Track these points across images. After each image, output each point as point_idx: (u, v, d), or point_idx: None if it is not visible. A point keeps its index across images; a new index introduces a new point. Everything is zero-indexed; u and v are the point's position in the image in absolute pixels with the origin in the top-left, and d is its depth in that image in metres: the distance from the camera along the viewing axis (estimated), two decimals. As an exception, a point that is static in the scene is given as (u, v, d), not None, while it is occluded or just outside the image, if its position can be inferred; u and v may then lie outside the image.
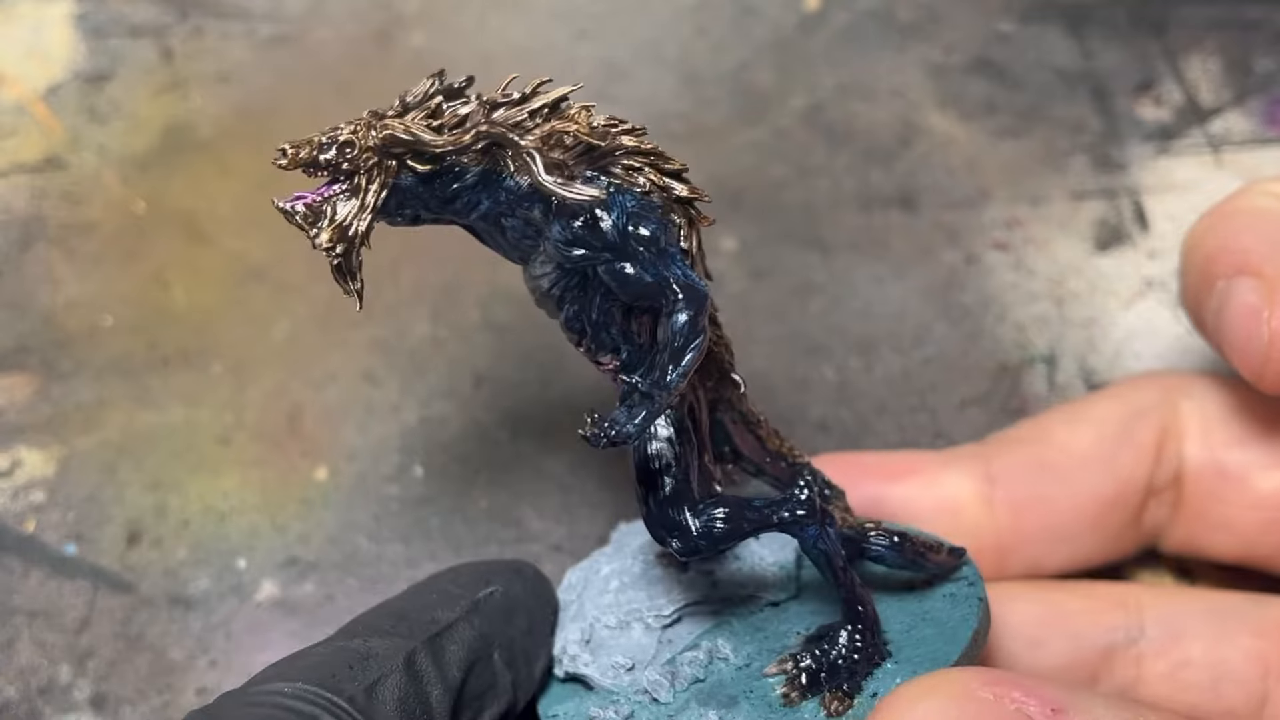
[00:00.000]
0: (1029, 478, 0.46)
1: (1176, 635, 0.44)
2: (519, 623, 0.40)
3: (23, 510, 0.51)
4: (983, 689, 0.33)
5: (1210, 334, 0.45)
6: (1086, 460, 0.46)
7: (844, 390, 0.53)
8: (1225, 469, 0.46)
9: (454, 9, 0.62)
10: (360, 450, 0.52)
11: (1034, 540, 0.46)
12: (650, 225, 0.37)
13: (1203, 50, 0.61)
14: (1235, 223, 0.44)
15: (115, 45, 0.61)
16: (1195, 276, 0.45)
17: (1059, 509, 0.46)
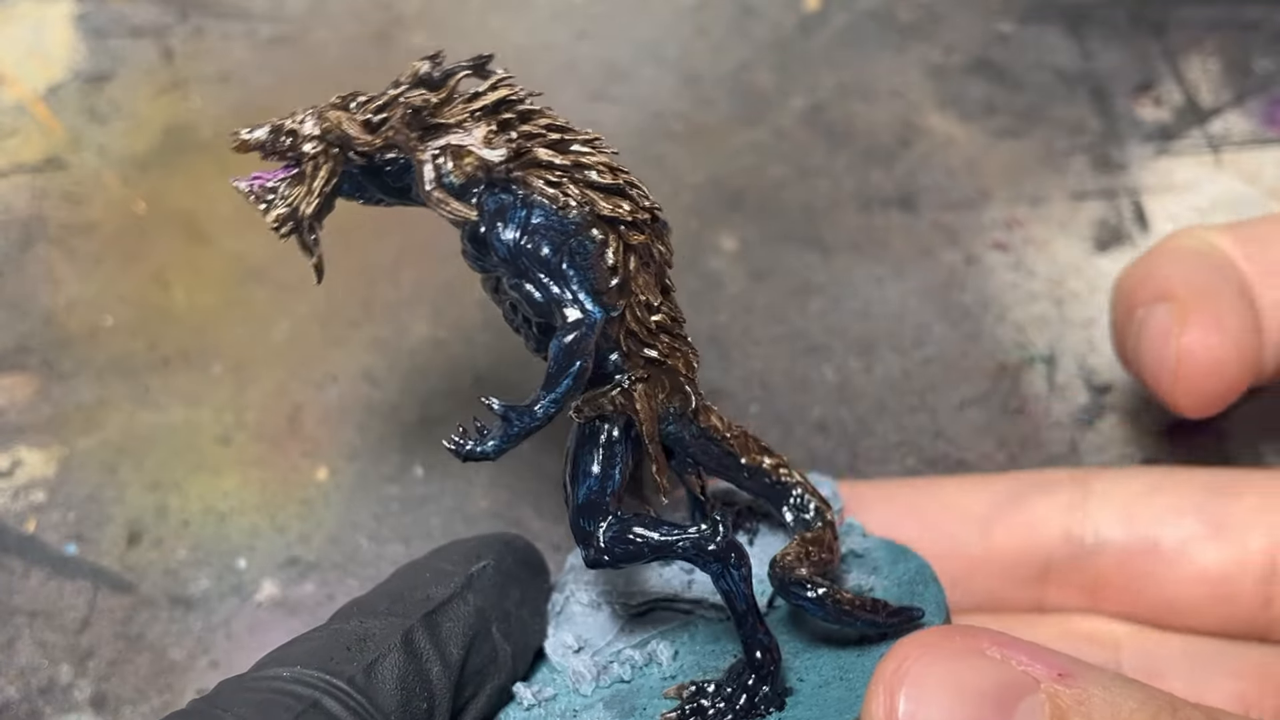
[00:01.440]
0: (896, 523, 0.45)
1: (1155, 673, 0.43)
2: (513, 595, 0.40)
3: (23, 510, 0.51)
4: (991, 647, 0.33)
5: (1130, 362, 0.45)
6: (960, 517, 0.46)
7: (844, 390, 0.53)
8: (1159, 547, 0.44)
9: (454, 9, 0.62)
10: (360, 450, 0.52)
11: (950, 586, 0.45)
12: (546, 244, 0.36)
13: (1202, 51, 0.61)
14: (1159, 258, 0.45)
15: (116, 45, 0.61)
16: (1119, 309, 0.46)
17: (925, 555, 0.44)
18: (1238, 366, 0.43)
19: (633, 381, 0.37)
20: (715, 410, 0.39)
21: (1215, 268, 0.44)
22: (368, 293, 0.55)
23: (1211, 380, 0.43)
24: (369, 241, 0.57)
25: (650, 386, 0.38)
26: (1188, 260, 0.44)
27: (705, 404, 0.39)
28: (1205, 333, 0.43)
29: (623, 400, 0.37)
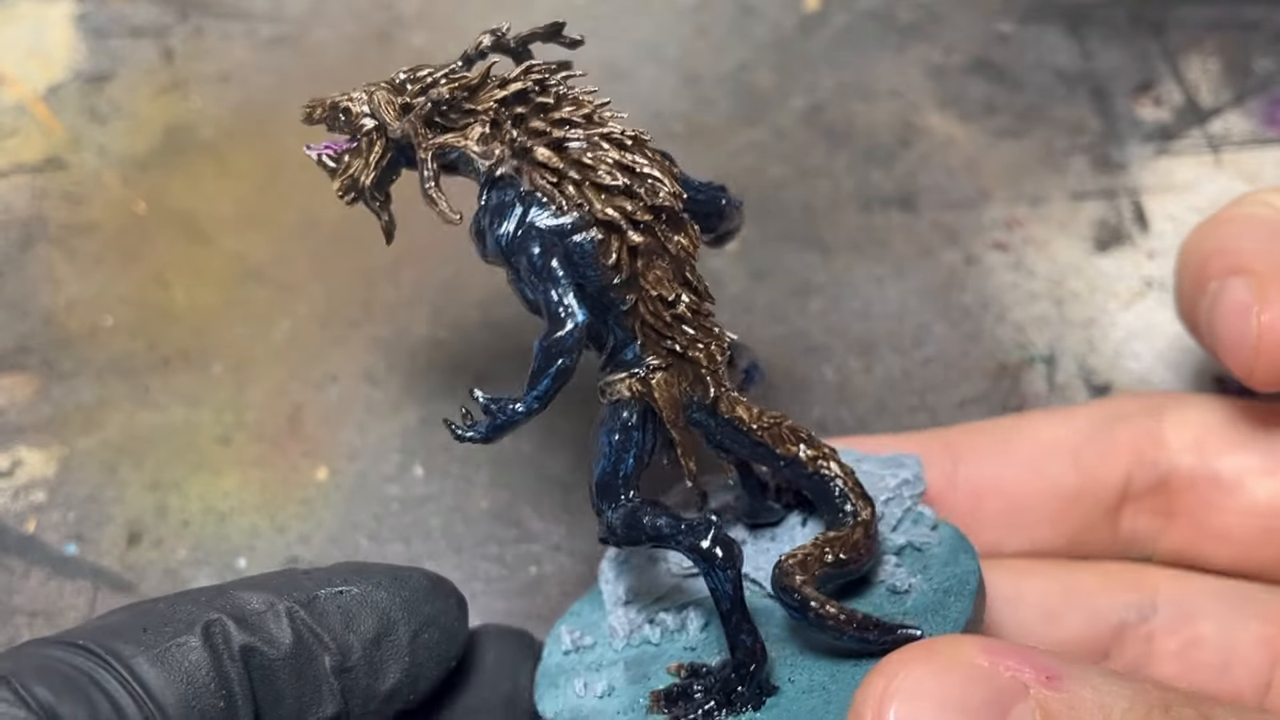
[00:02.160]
0: (991, 462, 0.46)
1: (1188, 615, 0.44)
2: (363, 630, 0.37)
3: (23, 510, 0.51)
4: (978, 656, 0.33)
5: (1203, 336, 0.45)
6: (1051, 451, 0.46)
7: (843, 390, 0.53)
8: (1220, 477, 0.46)
9: (454, 9, 0.62)
10: (361, 450, 0.52)
11: (993, 524, 0.46)
12: (537, 243, 0.37)
13: (1202, 51, 0.61)
14: (1230, 227, 0.45)
15: (116, 46, 0.61)
16: (1190, 280, 0.45)
17: (1019, 495, 0.46)
18: None
19: (650, 370, 0.38)
20: (744, 401, 0.39)
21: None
22: (368, 293, 0.55)
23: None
24: (369, 241, 0.57)
25: (672, 375, 0.38)
26: (1262, 231, 0.44)
27: (730, 395, 0.39)
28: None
29: (640, 388, 0.38)
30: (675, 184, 0.38)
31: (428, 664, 0.39)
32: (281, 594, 0.37)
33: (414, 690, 0.38)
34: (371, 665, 0.37)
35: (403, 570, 0.39)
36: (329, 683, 0.37)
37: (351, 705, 0.37)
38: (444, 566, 0.50)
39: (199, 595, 0.37)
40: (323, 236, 0.57)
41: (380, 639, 0.38)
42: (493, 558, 0.50)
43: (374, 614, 0.38)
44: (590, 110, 0.38)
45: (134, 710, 0.33)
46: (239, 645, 0.35)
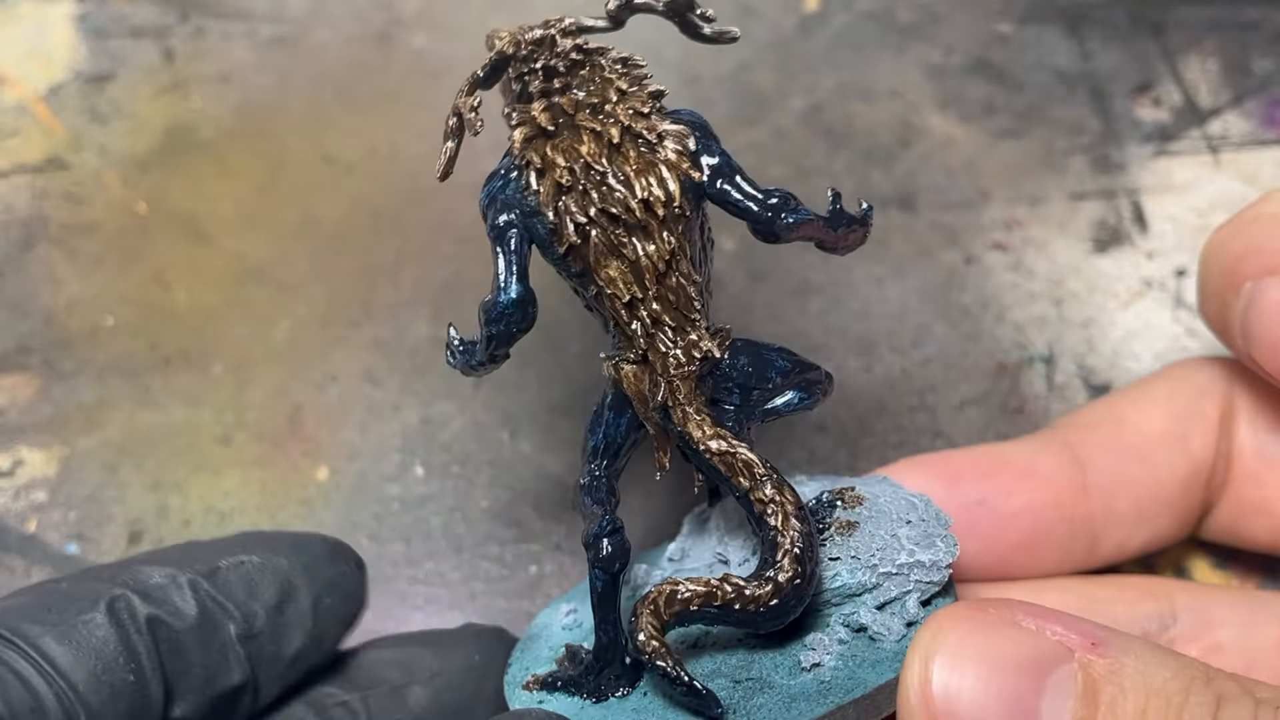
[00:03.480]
0: (1115, 462, 0.46)
1: (1208, 623, 0.44)
2: (266, 597, 0.38)
3: (24, 510, 0.51)
4: (1025, 618, 0.33)
5: (1235, 337, 0.44)
6: (1164, 439, 0.46)
7: (843, 390, 0.54)
8: (1265, 452, 0.46)
9: (454, 9, 0.62)
10: (361, 450, 0.52)
11: (1123, 523, 0.46)
12: (501, 214, 0.38)
13: (1201, 51, 0.61)
14: (1261, 227, 0.44)
15: (116, 46, 0.61)
16: (1219, 281, 0.45)
17: (1144, 490, 0.46)
18: None
19: (618, 361, 0.39)
20: (701, 417, 0.38)
21: None
22: (368, 293, 0.56)
23: None
24: (369, 241, 0.57)
25: (641, 370, 0.39)
26: None
27: (686, 407, 0.38)
28: None
29: (613, 373, 0.39)
30: (661, 193, 0.37)
31: (331, 626, 0.40)
32: (183, 566, 0.38)
33: (319, 653, 0.39)
34: (276, 631, 0.38)
35: (302, 536, 0.41)
36: (235, 651, 0.37)
37: (258, 671, 0.38)
38: (444, 566, 0.50)
39: (101, 572, 0.37)
40: (323, 236, 0.57)
41: (283, 605, 0.38)
42: (493, 558, 0.50)
43: (275, 581, 0.39)
44: (606, 102, 0.38)
45: (45, 688, 0.34)
46: (144, 618, 0.36)
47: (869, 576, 0.38)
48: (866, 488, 0.41)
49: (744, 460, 0.38)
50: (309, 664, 0.39)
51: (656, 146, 0.38)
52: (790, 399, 0.40)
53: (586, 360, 0.54)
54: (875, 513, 0.40)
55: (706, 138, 0.38)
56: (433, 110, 0.59)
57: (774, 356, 0.40)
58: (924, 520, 0.40)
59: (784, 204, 0.39)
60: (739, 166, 0.39)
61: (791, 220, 0.39)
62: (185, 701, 0.36)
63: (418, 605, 0.49)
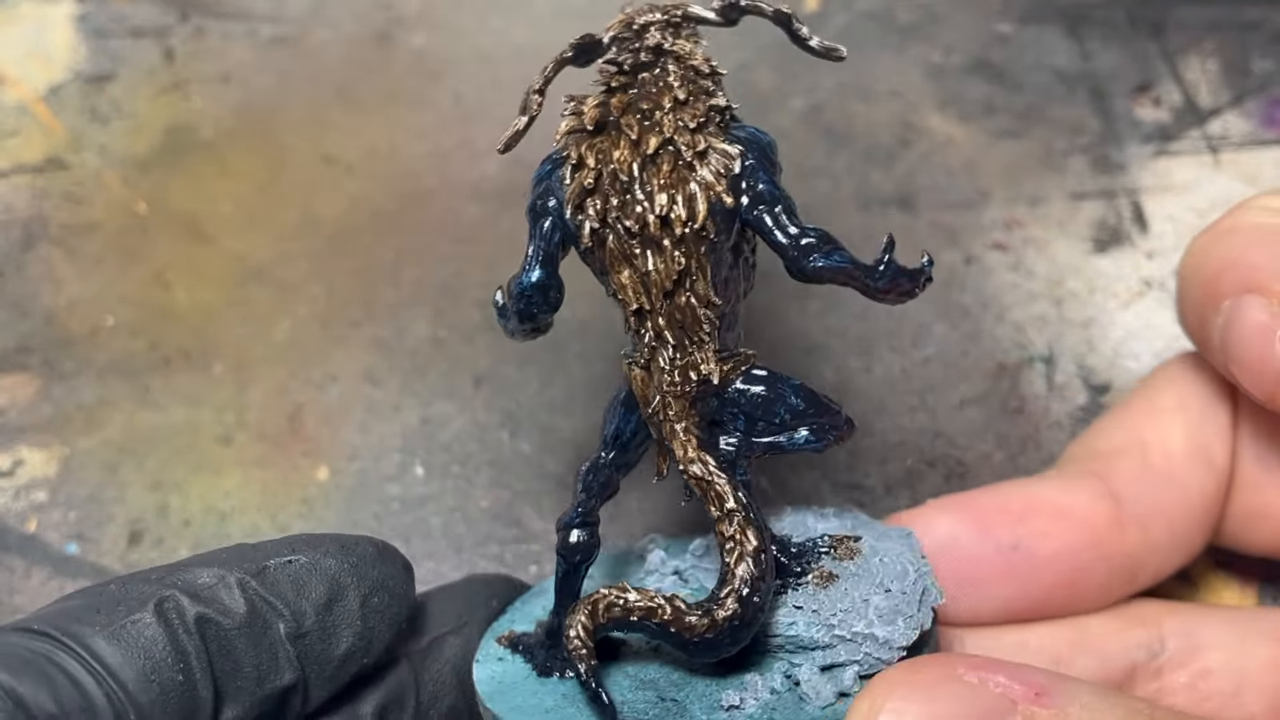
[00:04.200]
0: (1148, 491, 0.45)
1: (1196, 647, 0.44)
2: (314, 596, 0.38)
3: (24, 510, 0.51)
4: (966, 672, 0.33)
5: (1215, 353, 0.44)
6: (1189, 458, 0.45)
7: (843, 390, 0.54)
8: (1264, 455, 0.45)
9: (454, 9, 0.62)
10: (361, 450, 0.52)
11: (1160, 550, 0.45)
12: (541, 200, 0.39)
13: (1201, 51, 0.61)
14: (1239, 239, 0.43)
15: (117, 46, 0.61)
16: (1199, 294, 0.44)
17: (1178, 515, 0.45)
18: None
19: (629, 362, 0.39)
20: (687, 440, 0.38)
21: None
22: (368, 293, 0.56)
23: None
24: (369, 241, 0.57)
25: (647, 375, 0.39)
26: (1274, 244, 0.42)
27: (673, 425, 0.38)
28: None
29: (625, 371, 0.39)
30: (683, 211, 0.37)
31: (379, 626, 0.39)
32: (231, 567, 0.38)
33: (368, 653, 0.39)
34: (325, 630, 0.38)
35: (349, 538, 0.40)
36: (285, 649, 0.37)
37: (308, 671, 0.38)
38: (444, 566, 0.50)
39: (149, 574, 0.37)
40: (323, 236, 0.57)
41: (332, 604, 0.38)
42: (493, 558, 0.50)
43: (324, 580, 0.38)
44: (658, 109, 0.37)
45: (94, 688, 0.34)
46: (193, 617, 0.36)
47: (823, 635, 0.37)
48: (876, 540, 0.40)
49: (716, 491, 0.37)
50: (358, 665, 0.39)
51: (695, 164, 0.37)
52: (797, 437, 0.39)
53: (586, 360, 0.54)
54: (861, 571, 0.39)
55: (761, 163, 0.37)
56: (433, 110, 0.59)
57: (789, 392, 0.39)
58: (905, 593, 0.38)
59: (815, 246, 0.37)
60: (783, 198, 0.37)
61: (820, 264, 0.37)
62: (236, 703, 0.36)
63: (418, 605, 0.49)
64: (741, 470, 0.39)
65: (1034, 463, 0.52)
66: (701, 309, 0.38)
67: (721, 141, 0.37)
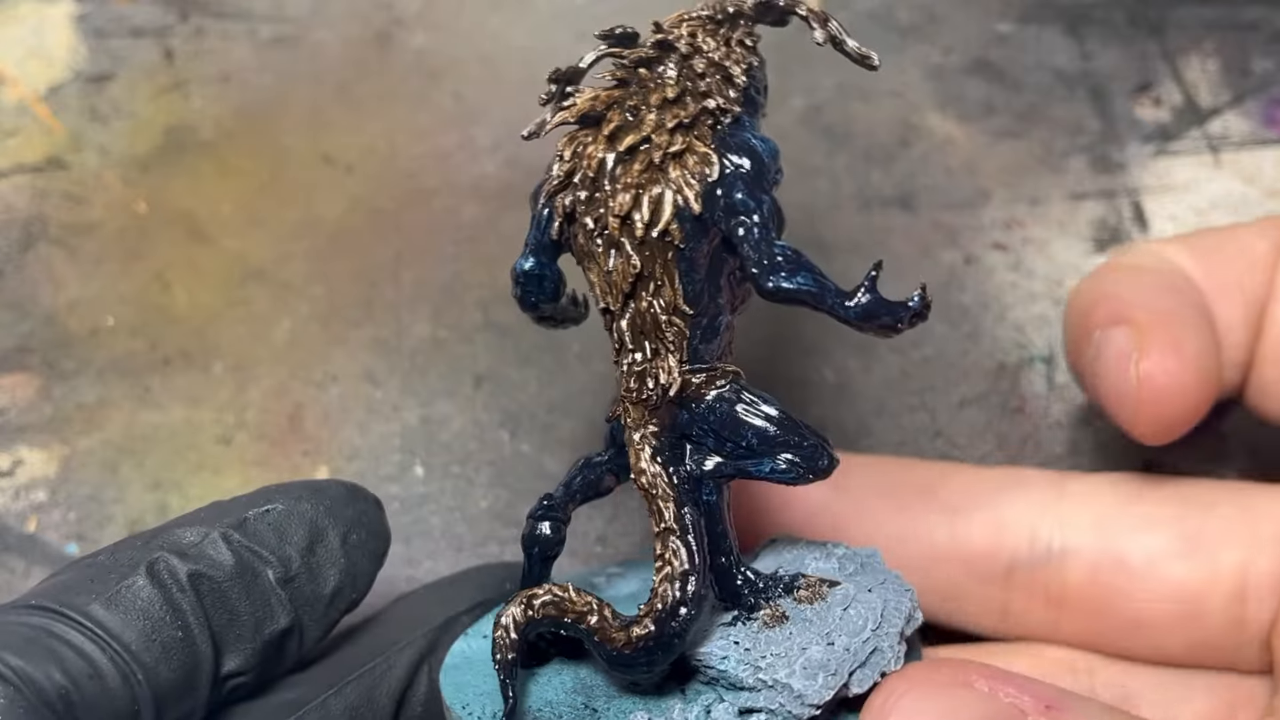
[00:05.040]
0: (907, 520, 0.45)
1: (1127, 698, 0.43)
2: (297, 540, 0.40)
3: (24, 510, 0.51)
4: (979, 680, 0.33)
5: (1088, 385, 0.44)
6: (957, 510, 0.45)
7: (842, 390, 0.54)
8: (1127, 560, 0.43)
9: (454, 9, 0.62)
10: (361, 450, 0.52)
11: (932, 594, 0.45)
12: (539, 185, 0.38)
13: (1201, 51, 0.61)
14: (1114, 276, 0.44)
15: (116, 46, 0.61)
16: (1074, 329, 0.45)
17: (928, 558, 0.45)
18: (1198, 391, 0.42)
19: (617, 362, 0.38)
20: (641, 448, 0.37)
21: (1172, 287, 0.43)
22: (368, 293, 0.56)
23: (1172, 406, 0.41)
24: (369, 241, 0.57)
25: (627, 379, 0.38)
26: (1144, 280, 0.43)
27: (630, 432, 0.37)
28: (1164, 358, 0.41)
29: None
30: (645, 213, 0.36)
31: (362, 562, 0.41)
32: (212, 523, 0.39)
33: (355, 589, 0.41)
34: (312, 572, 0.40)
35: (317, 482, 0.42)
36: (277, 594, 0.39)
37: (301, 613, 0.39)
38: (444, 566, 0.50)
39: (134, 541, 0.39)
40: (323, 236, 0.57)
41: (314, 545, 0.40)
42: (492, 558, 0.50)
43: (303, 524, 0.40)
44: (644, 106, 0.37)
45: (99, 654, 0.35)
46: (185, 575, 0.37)
47: (749, 676, 0.36)
48: (865, 589, 0.38)
49: (658, 505, 0.36)
50: (347, 601, 0.41)
51: (668, 165, 0.36)
52: (763, 466, 0.37)
53: (586, 360, 0.54)
54: (816, 618, 0.37)
55: (749, 173, 0.36)
56: (433, 110, 0.59)
57: (759, 417, 0.37)
58: (848, 649, 0.36)
59: (780, 265, 0.35)
60: (760, 211, 0.35)
61: (782, 285, 0.35)
62: (237, 652, 0.38)
63: (418, 605, 0.49)
64: (708, 489, 0.37)
65: (1034, 462, 0.52)
66: (666, 316, 0.37)
67: (705, 145, 0.36)
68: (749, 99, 0.38)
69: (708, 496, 0.37)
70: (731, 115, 0.37)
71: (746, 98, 0.38)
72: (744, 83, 0.38)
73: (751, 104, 0.38)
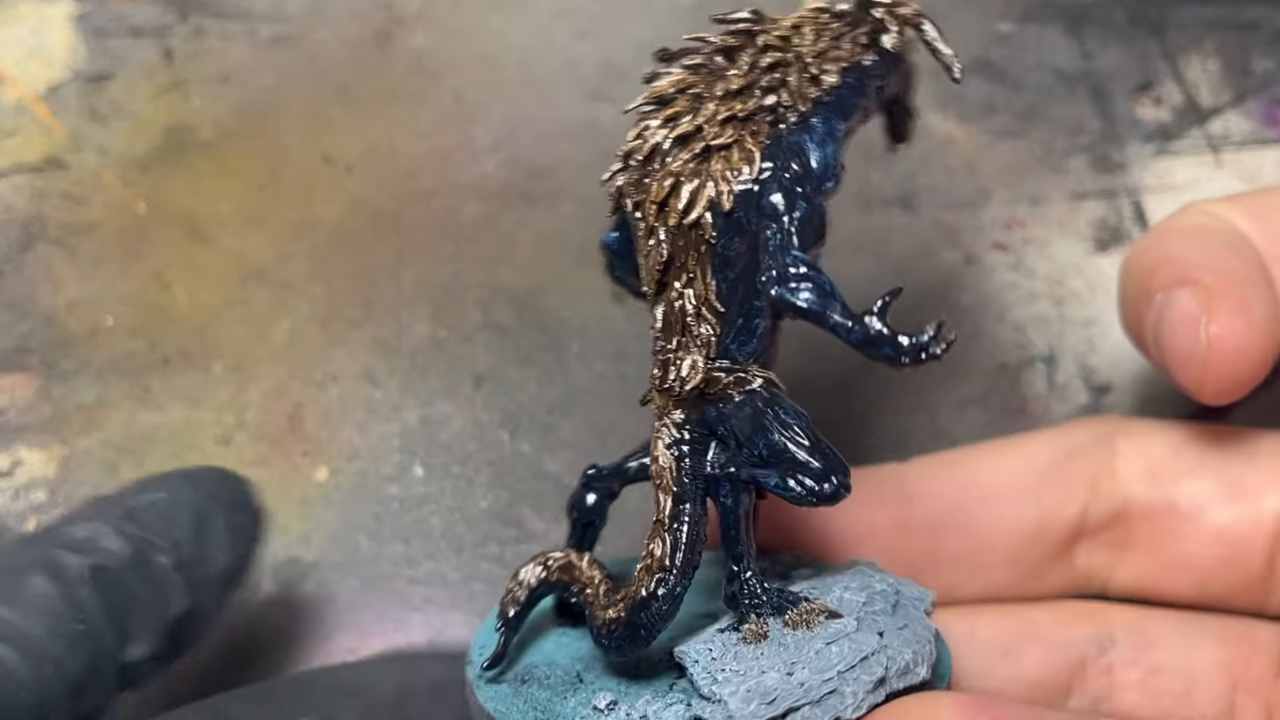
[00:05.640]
0: (951, 502, 0.45)
1: (1146, 644, 0.44)
2: (184, 525, 0.41)
3: (23, 510, 0.51)
4: (958, 714, 0.33)
5: (1149, 348, 0.44)
6: (1012, 490, 0.45)
7: (843, 390, 0.53)
8: (1178, 505, 0.45)
9: (454, 9, 0.62)
10: (361, 450, 0.52)
11: (949, 566, 0.45)
12: None
13: (1202, 51, 0.61)
14: (1173, 239, 0.44)
15: (116, 45, 0.61)
16: (1134, 292, 0.45)
17: (977, 536, 0.45)
18: (1265, 351, 0.41)
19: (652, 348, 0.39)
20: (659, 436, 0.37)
21: (1234, 248, 0.43)
22: (368, 293, 0.56)
23: (1240, 368, 0.41)
24: (369, 241, 0.57)
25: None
26: (1206, 241, 0.43)
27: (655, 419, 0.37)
28: (1233, 320, 0.41)
29: None
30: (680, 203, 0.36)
31: (246, 542, 0.43)
32: (102, 517, 0.40)
33: (243, 568, 0.43)
34: (202, 555, 0.41)
35: (191, 470, 0.44)
36: (172, 579, 0.40)
37: (197, 595, 0.41)
38: (444, 567, 0.50)
39: (26, 539, 0.40)
40: (323, 236, 0.57)
41: (201, 530, 0.41)
42: (493, 558, 0.50)
43: (188, 511, 0.41)
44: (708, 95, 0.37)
45: (8, 652, 0.35)
46: (83, 569, 0.38)
47: (706, 685, 0.35)
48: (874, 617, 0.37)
49: (660, 497, 0.36)
50: (237, 581, 0.43)
51: (712, 157, 0.35)
52: (774, 479, 0.36)
53: (586, 360, 0.54)
54: (794, 644, 0.36)
55: (794, 178, 0.35)
56: (433, 110, 0.59)
57: (777, 429, 0.36)
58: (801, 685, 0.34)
59: (788, 278, 0.35)
60: (786, 216, 0.35)
61: (775, 294, 0.35)
62: (140, 639, 0.39)
63: (417, 606, 0.49)
64: (724, 491, 0.36)
65: (1034, 463, 0.52)
66: (695, 309, 0.36)
67: (754, 143, 0.36)
68: (839, 100, 0.37)
69: (724, 498, 0.37)
70: (797, 114, 0.36)
71: (836, 99, 0.37)
72: (833, 82, 0.37)
73: (840, 106, 0.37)
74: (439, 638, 0.49)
